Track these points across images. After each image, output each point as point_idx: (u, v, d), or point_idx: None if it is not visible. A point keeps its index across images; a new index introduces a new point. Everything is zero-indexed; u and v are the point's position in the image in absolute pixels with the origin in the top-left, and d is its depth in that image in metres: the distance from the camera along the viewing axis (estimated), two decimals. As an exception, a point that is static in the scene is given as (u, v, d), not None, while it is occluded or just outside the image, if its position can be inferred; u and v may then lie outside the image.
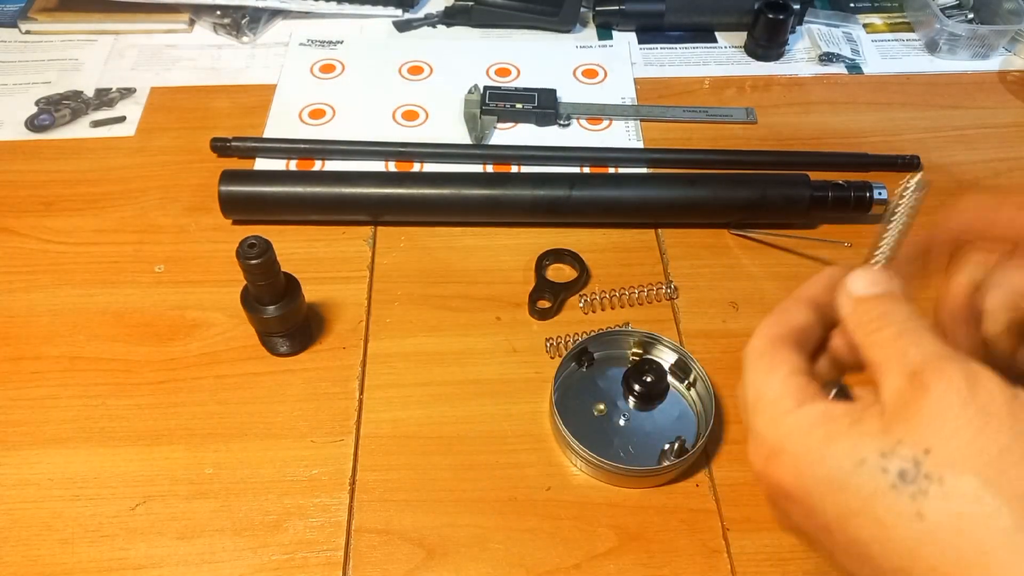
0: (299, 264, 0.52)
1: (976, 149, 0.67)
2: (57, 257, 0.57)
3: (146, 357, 0.52)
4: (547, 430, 0.49)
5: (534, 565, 0.44)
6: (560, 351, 0.52)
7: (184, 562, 0.43)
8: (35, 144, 0.65)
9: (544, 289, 0.55)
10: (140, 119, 0.67)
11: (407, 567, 0.43)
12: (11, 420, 0.49)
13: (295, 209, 0.58)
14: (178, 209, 0.60)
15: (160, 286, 0.56)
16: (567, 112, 0.68)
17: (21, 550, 0.44)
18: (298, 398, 0.50)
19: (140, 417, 0.49)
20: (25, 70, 0.71)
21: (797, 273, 0.57)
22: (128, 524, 0.45)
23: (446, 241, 0.59)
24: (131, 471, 0.47)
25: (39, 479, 0.46)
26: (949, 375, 0.25)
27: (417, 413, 0.50)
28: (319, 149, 0.64)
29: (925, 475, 0.24)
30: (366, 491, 0.46)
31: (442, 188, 0.58)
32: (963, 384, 0.25)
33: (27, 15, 0.75)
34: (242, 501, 0.46)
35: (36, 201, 0.61)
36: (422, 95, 0.70)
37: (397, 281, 0.56)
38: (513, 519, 0.45)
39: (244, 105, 0.69)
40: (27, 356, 0.52)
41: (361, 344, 0.53)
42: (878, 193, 0.58)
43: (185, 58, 0.73)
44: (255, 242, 0.46)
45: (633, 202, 0.59)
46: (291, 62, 0.73)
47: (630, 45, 0.76)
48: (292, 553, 0.44)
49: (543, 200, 0.58)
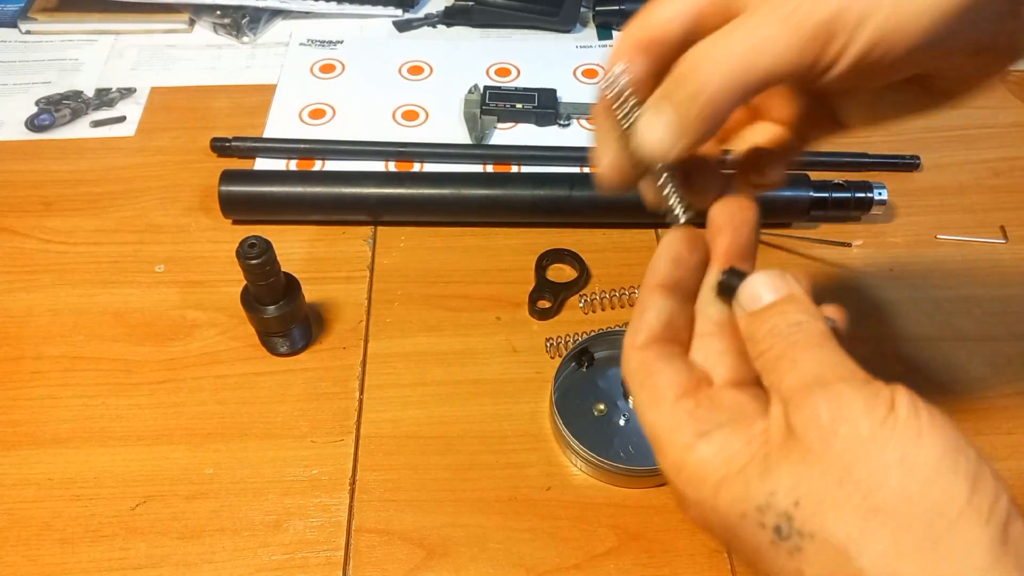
0: (299, 264, 0.52)
1: (976, 149, 0.66)
2: (57, 257, 0.57)
3: (146, 357, 0.52)
4: (547, 430, 0.49)
5: (534, 565, 0.44)
6: (560, 351, 0.52)
7: (184, 562, 0.43)
8: (35, 144, 0.65)
9: (544, 289, 0.55)
10: (140, 119, 0.67)
11: (407, 567, 0.43)
12: (11, 420, 0.49)
13: (295, 209, 0.58)
14: (178, 209, 0.60)
15: (160, 286, 0.56)
16: (567, 112, 0.68)
17: (21, 550, 0.44)
18: (298, 398, 0.50)
19: (140, 417, 0.49)
20: (25, 70, 0.71)
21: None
22: (128, 524, 0.45)
23: (446, 241, 0.59)
24: (131, 471, 0.47)
25: (39, 479, 0.46)
26: (813, 411, 0.24)
27: (417, 413, 0.50)
28: (319, 149, 0.64)
29: (798, 531, 0.23)
30: (366, 491, 0.46)
31: (442, 188, 0.58)
32: (827, 419, 0.23)
33: (27, 15, 0.75)
34: (242, 501, 0.46)
35: (36, 201, 0.61)
36: (422, 95, 0.70)
37: (397, 281, 0.56)
38: (513, 519, 0.45)
39: (244, 105, 0.69)
40: (27, 356, 0.52)
41: (361, 344, 0.53)
42: (878, 193, 0.58)
43: (185, 58, 0.73)
44: (255, 242, 0.46)
45: (633, 202, 0.59)
46: (291, 62, 0.73)
47: (630, 45, 0.76)
48: (292, 553, 0.44)
49: (543, 200, 0.58)
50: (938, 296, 0.56)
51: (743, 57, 0.26)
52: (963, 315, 0.55)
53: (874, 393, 0.24)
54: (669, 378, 0.28)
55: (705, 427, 0.27)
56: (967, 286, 0.57)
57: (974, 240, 0.59)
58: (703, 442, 0.26)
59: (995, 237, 0.60)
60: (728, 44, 0.26)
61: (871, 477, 0.22)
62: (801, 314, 0.26)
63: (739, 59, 0.26)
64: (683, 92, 0.27)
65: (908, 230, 0.60)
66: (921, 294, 0.56)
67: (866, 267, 0.58)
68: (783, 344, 0.26)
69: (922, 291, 0.56)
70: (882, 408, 0.23)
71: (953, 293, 0.56)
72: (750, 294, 0.28)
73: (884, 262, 0.58)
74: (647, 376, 0.29)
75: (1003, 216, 0.61)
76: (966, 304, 0.56)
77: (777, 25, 0.26)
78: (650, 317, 0.30)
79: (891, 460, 0.22)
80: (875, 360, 0.54)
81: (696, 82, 0.26)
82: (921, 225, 0.60)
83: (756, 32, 0.26)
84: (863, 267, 0.58)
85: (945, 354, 0.53)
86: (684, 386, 0.28)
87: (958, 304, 0.56)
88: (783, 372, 0.26)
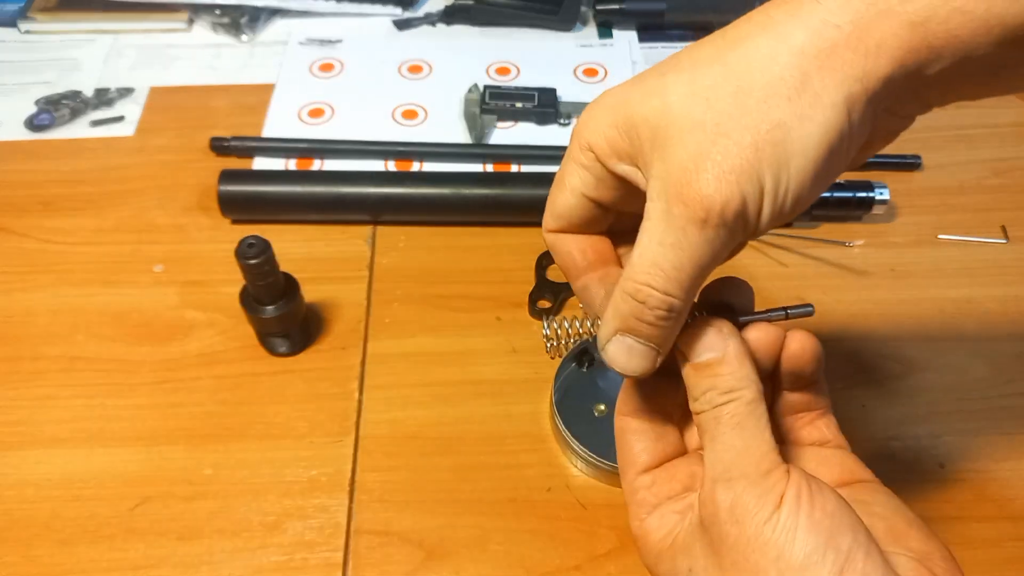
0: (298, 264, 0.52)
1: (978, 149, 0.66)
2: (56, 257, 0.57)
3: (145, 357, 0.52)
4: (547, 431, 0.49)
5: (534, 566, 0.44)
6: (560, 351, 0.52)
7: (183, 563, 0.43)
8: (34, 144, 0.65)
9: (544, 289, 0.55)
10: (139, 119, 0.67)
11: (407, 568, 0.43)
12: (10, 420, 0.49)
13: (294, 208, 0.58)
14: (177, 209, 0.60)
15: (159, 286, 0.56)
16: (567, 111, 0.68)
17: (20, 550, 0.44)
18: (297, 398, 0.50)
19: (139, 417, 0.49)
20: (24, 70, 0.71)
21: (798, 273, 0.57)
22: (127, 524, 0.45)
23: (446, 241, 0.59)
24: (130, 471, 0.47)
25: (38, 479, 0.46)
26: (715, 508, 0.27)
27: (417, 413, 0.50)
28: (318, 148, 0.64)
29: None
30: (365, 492, 0.46)
31: (442, 187, 0.58)
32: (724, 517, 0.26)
33: (27, 15, 0.74)
34: (241, 502, 0.46)
35: (35, 201, 0.61)
36: (422, 94, 0.70)
37: (397, 281, 0.56)
38: (513, 520, 0.45)
39: (243, 104, 0.68)
40: (26, 356, 0.52)
41: (360, 344, 0.53)
42: (880, 193, 0.58)
43: (184, 57, 0.73)
44: (254, 242, 0.46)
45: (633, 202, 0.59)
46: (290, 61, 0.73)
47: (631, 44, 0.76)
48: (291, 554, 0.44)
49: (543, 199, 0.57)
50: (939, 296, 0.56)
51: (671, 269, 0.26)
52: (963, 315, 0.55)
53: (766, 490, 0.26)
54: (636, 454, 0.31)
55: (656, 500, 0.30)
56: (968, 286, 0.57)
57: (975, 240, 0.59)
58: (651, 517, 0.30)
59: (996, 237, 0.60)
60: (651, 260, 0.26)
61: (755, 572, 0.25)
62: (734, 380, 0.28)
63: (668, 272, 0.26)
64: (635, 319, 0.27)
65: (909, 230, 0.60)
66: (922, 294, 0.56)
67: (867, 267, 0.58)
68: (711, 416, 0.28)
69: (923, 291, 0.56)
70: (769, 507, 0.26)
71: (954, 293, 0.56)
72: (690, 343, 0.29)
73: (885, 262, 0.58)
74: (621, 444, 0.32)
75: (1004, 216, 0.61)
76: (967, 304, 0.56)
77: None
78: (632, 391, 0.32)
79: (770, 558, 0.25)
80: (875, 360, 0.54)
81: (642, 306, 0.27)
82: (922, 225, 0.60)
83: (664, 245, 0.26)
84: (864, 267, 0.58)
85: (945, 354, 0.53)
86: (647, 463, 0.31)
87: (959, 304, 0.56)
88: (706, 447, 0.28)
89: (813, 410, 0.32)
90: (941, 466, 0.48)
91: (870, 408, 0.50)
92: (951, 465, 0.48)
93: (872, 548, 0.25)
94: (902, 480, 0.47)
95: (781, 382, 0.31)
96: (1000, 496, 0.47)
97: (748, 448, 0.27)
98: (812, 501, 0.25)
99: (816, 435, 0.32)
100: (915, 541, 0.27)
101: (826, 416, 0.32)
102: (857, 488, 0.30)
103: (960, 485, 0.47)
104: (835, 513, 0.25)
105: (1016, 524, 0.46)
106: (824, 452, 0.32)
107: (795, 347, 0.30)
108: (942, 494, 0.47)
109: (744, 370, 0.28)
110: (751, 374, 0.28)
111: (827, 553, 0.24)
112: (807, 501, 0.25)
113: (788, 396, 0.32)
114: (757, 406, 0.27)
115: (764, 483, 0.26)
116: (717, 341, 0.28)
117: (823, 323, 0.54)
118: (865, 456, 0.49)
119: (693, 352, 0.28)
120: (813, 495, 0.26)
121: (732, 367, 0.28)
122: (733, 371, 0.28)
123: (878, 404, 0.50)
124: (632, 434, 0.32)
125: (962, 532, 0.45)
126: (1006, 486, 0.47)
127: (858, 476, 0.31)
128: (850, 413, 0.50)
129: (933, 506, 0.46)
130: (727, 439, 0.27)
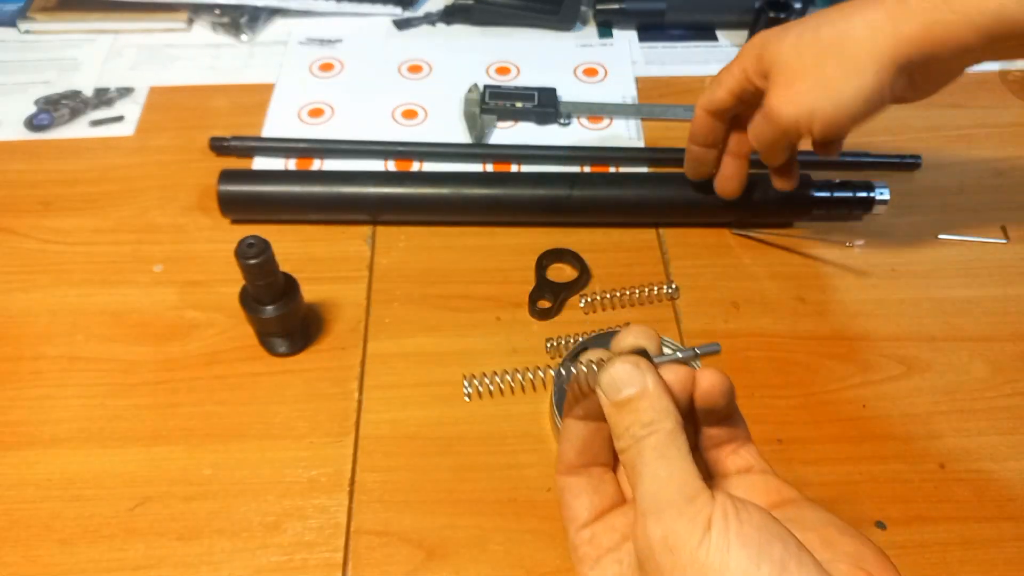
0: (298, 264, 0.52)
1: (977, 148, 0.66)
2: (56, 257, 0.57)
3: (145, 357, 0.52)
4: (547, 430, 0.49)
5: (534, 566, 0.44)
6: (560, 351, 0.52)
7: (183, 563, 0.43)
8: (34, 144, 0.65)
9: (544, 289, 0.55)
10: (139, 118, 0.67)
11: (406, 568, 0.43)
12: (10, 420, 0.49)
13: (294, 208, 0.58)
14: (177, 209, 0.60)
15: (159, 286, 0.56)
16: (567, 111, 0.68)
17: (20, 550, 0.44)
18: (297, 399, 0.50)
19: (139, 417, 0.49)
20: (24, 70, 0.71)
21: (798, 272, 0.57)
22: (127, 524, 0.45)
23: (446, 241, 0.59)
24: (130, 471, 0.47)
25: (38, 479, 0.46)
26: (647, 541, 0.27)
27: (417, 413, 0.50)
28: (318, 148, 0.64)
29: None
30: (365, 492, 0.46)
31: (442, 187, 0.58)
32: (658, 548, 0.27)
33: (26, 15, 0.74)
34: (241, 502, 0.46)
35: (35, 201, 0.61)
36: (422, 94, 0.70)
37: (396, 281, 0.56)
38: (513, 520, 0.45)
39: (243, 104, 0.68)
40: (26, 356, 0.52)
41: (360, 344, 0.53)
42: (880, 192, 0.58)
43: (184, 57, 0.73)
44: (254, 242, 0.46)
45: (634, 201, 0.59)
46: (290, 61, 0.73)
47: (631, 44, 0.76)
48: (291, 555, 0.44)
49: (543, 199, 0.58)
50: (939, 296, 0.56)
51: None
52: (964, 315, 0.55)
53: (694, 515, 0.27)
54: (575, 511, 0.33)
55: (597, 553, 0.31)
56: (968, 286, 0.57)
57: (975, 240, 0.59)
58: (594, 571, 0.31)
59: (996, 237, 0.60)
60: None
61: None
62: (653, 412, 0.29)
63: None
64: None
65: (909, 230, 0.60)
66: (922, 294, 0.56)
67: (868, 266, 0.58)
68: (635, 450, 0.29)
69: (923, 291, 0.56)
70: (699, 532, 0.26)
71: (954, 293, 0.56)
72: (610, 382, 0.30)
73: (885, 261, 0.58)
74: (561, 502, 0.33)
75: (1004, 216, 0.61)
76: (967, 304, 0.56)
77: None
78: (565, 448, 0.33)
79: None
80: (876, 360, 0.54)
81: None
82: (922, 225, 0.60)
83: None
84: (865, 266, 0.58)
85: (945, 354, 0.53)
86: (586, 519, 0.32)
87: (959, 304, 0.56)
88: (634, 484, 0.29)
89: (734, 441, 0.33)
90: (941, 466, 0.48)
91: (870, 408, 0.50)
92: (951, 465, 0.48)
93: (803, 554, 0.26)
94: (902, 480, 0.47)
95: (698, 419, 0.32)
96: (1000, 496, 0.47)
97: (672, 476, 0.27)
98: (739, 518, 0.26)
99: (740, 463, 0.33)
100: (847, 545, 0.28)
101: (747, 445, 0.33)
102: (787, 507, 0.30)
103: (960, 485, 0.47)
104: (762, 526, 0.26)
105: (1016, 524, 0.45)
106: (750, 478, 0.32)
107: (706, 385, 0.31)
108: (942, 494, 0.47)
109: (663, 402, 0.29)
110: (669, 406, 0.29)
111: (761, 565, 0.25)
112: (734, 518, 0.26)
113: (708, 431, 0.33)
114: (678, 436, 0.28)
115: (691, 509, 0.27)
116: (636, 376, 0.29)
117: (823, 323, 0.54)
118: (864, 456, 0.49)
119: (613, 391, 0.29)
120: (739, 512, 0.26)
121: (651, 400, 0.29)
122: (652, 404, 0.29)
123: (878, 404, 0.50)
124: (568, 492, 0.33)
125: (962, 532, 0.45)
126: (1006, 486, 0.47)
127: (785, 496, 0.31)
128: (850, 413, 0.50)
129: (933, 506, 0.46)
130: (651, 470, 0.28)
